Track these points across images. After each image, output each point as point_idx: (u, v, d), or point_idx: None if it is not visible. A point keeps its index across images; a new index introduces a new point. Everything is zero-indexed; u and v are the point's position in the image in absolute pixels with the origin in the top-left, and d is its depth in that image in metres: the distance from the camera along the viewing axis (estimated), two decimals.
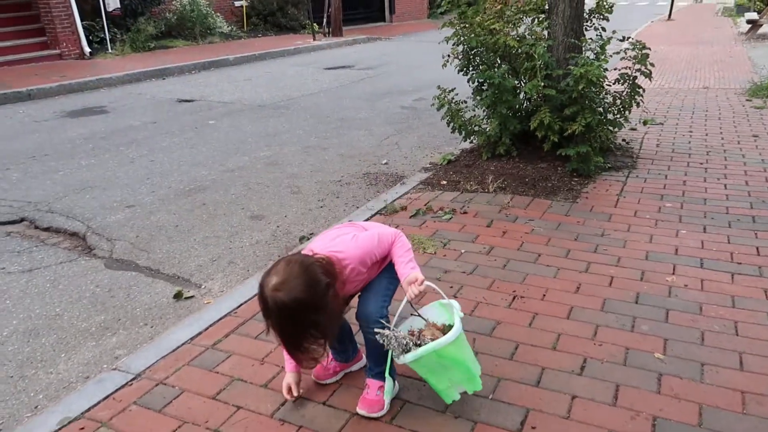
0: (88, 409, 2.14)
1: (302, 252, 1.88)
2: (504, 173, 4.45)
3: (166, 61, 10.90)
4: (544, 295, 2.74)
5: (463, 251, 3.23)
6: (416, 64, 11.20)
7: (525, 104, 4.75)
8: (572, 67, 4.16)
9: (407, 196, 4.12)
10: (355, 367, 2.29)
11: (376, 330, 1.84)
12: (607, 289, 2.80)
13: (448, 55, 4.73)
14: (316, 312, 1.71)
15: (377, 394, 2.02)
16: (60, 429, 2.05)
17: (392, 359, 1.88)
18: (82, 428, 2.04)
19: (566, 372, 2.20)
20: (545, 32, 4.63)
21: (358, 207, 4.18)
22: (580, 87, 4.10)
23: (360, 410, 2.02)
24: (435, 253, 3.23)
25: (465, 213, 3.76)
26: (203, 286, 3.25)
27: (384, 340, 1.82)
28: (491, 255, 3.18)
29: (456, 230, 3.52)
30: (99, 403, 2.17)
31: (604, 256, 3.13)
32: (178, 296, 3.13)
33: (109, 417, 2.09)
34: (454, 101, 4.83)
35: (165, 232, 3.93)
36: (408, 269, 1.89)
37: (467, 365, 1.88)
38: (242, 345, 2.48)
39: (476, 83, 4.73)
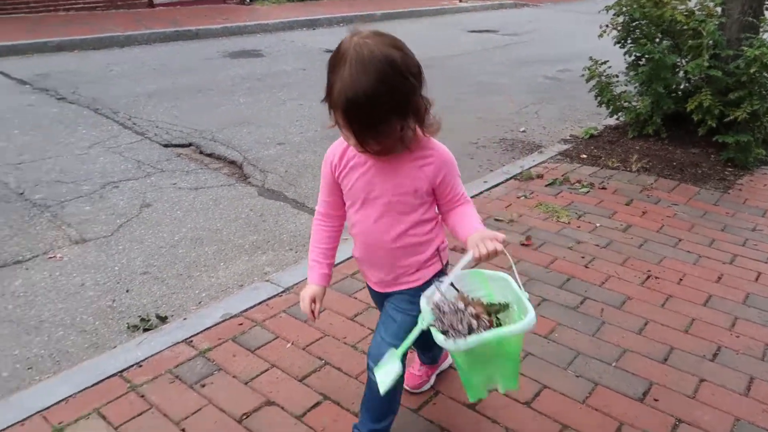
0: (245, 310, 2.46)
1: None
2: (650, 154, 4.27)
3: (317, 12, 11.34)
4: (681, 279, 2.68)
5: (598, 225, 3.21)
6: (563, 34, 10.74)
7: (683, 84, 4.47)
8: (745, 48, 3.85)
9: (544, 165, 4.11)
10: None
11: (427, 294, 1.44)
12: (752, 284, 2.67)
13: (606, 25, 4.54)
14: (409, 74, 1.32)
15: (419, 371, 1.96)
16: (222, 321, 2.38)
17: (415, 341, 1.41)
18: (241, 324, 2.37)
19: (697, 356, 2.17)
20: (718, 8, 4.29)
21: (492, 170, 4.23)
22: (752, 70, 3.79)
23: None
24: (569, 223, 3.24)
25: (603, 189, 3.69)
26: None
27: (436, 315, 1.37)
28: (628, 233, 3.13)
29: (592, 204, 3.48)
30: (254, 306, 2.49)
31: (754, 252, 2.97)
32: None
33: (263, 319, 2.40)
34: (605, 74, 4.66)
35: (310, 171, 4.25)
36: (480, 226, 1.50)
37: (519, 359, 1.55)
38: None
39: (633, 57, 4.51)
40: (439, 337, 1.34)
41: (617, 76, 4.69)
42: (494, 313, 1.44)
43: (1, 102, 5.55)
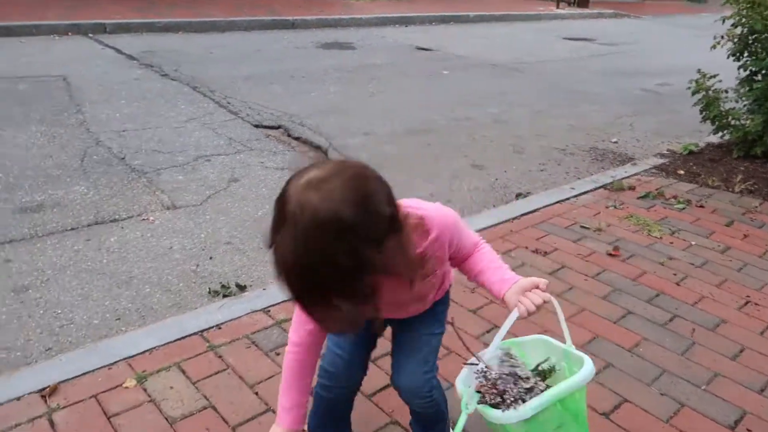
0: None
1: None
2: (755, 176, 3.97)
3: (411, 9, 11.40)
4: None
5: (693, 243, 3.02)
6: (665, 48, 10.25)
7: None
8: None
9: (637, 177, 3.91)
10: None
11: (474, 370, 1.26)
12: None
13: (722, 36, 4.27)
14: (366, 243, 0.99)
15: None
16: None
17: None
18: None
19: None
20: None
21: (579, 178, 4.08)
22: None
23: None
24: (661, 238, 3.06)
25: (701, 207, 3.47)
26: None
27: (482, 388, 1.22)
28: (726, 255, 2.92)
29: (688, 221, 3.28)
30: None
31: None
32: None
33: None
34: (713, 88, 4.39)
35: (393, 162, 4.25)
36: (510, 274, 1.29)
37: (586, 422, 1.29)
38: None
39: (748, 72, 4.23)
40: (493, 414, 1.16)
41: (726, 92, 4.40)
42: (542, 380, 1.26)
43: (111, 75, 5.93)
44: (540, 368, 1.28)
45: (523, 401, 1.16)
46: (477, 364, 1.25)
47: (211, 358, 2.00)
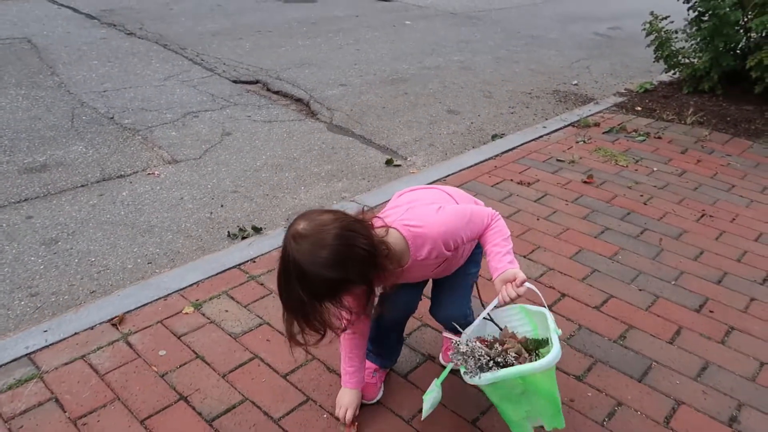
0: None
1: (376, 216, 1.46)
2: (704, 109, 4.40)
3: None
4: (734, 219, 2.89)
5: (655, 169, 3.41)
6: None
7: (743, 41, 4.55)
8: None
9: (600, 115, 4.27)
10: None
11: (453, 343, 1.49)
12: None
13: None
14: (343, 285, 1.32)
15: None
16: None
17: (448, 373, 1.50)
18: None
19: (748, 280, 2.41)
20: None
21: (547, 118, 4.41)
22: None
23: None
24: (627, 166, 3.44)
25: (659, 138, 3.86)
26: (408, 159, 3.75)
27: (458, 359, 1.45)
28: (683, 177, 3.33)
29: (649, 151, 3.67)
30: None
31: None
32: (389, 163, 3.66)
33: None
34: (665, 30, 4.75)
35: (374, 111, 4.47)
36: (505, 263, 1.44)
37: (556, 397, 1.43)
38: None
39: (696, 13, 4.59)
40: (462, 371, 1.45)
41: (676, 32, 4.77)
42: (534, 350, 1.47)
43: (75, 35, 5.83)
44: (541, 338, 1.49)
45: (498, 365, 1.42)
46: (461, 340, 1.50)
47: (254, 286, 2.25)
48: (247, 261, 2.40)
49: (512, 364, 1.39)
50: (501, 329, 1.54)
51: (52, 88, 4.46)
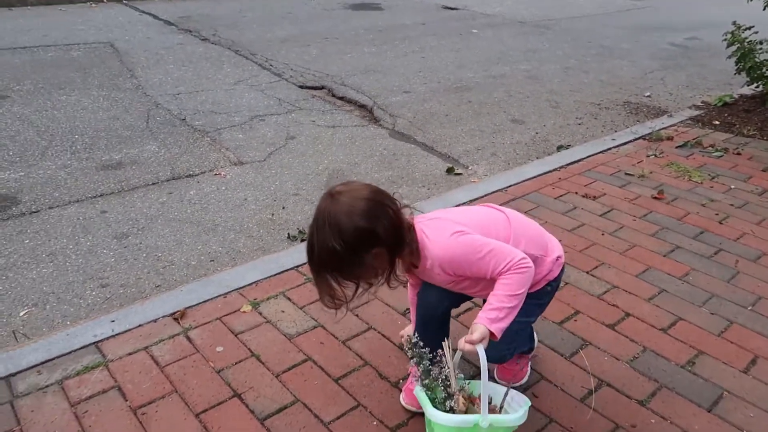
0: None
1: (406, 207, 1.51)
2: None
3: None
4: None
5: (732, 186, 3.22)
6: (691, 3, 10.17)
7: None
8: None
9: (674, 128, 4.09)
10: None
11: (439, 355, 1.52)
12: None
13: None
14: (372, 239, 1.39)
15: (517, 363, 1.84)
16: None
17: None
18: None
19: None
20: None
21: (616, 130, 4.26)
22: None
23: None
24: (701, 182, 3.26)
25: (738, 154, 3.65)
26: (470, 168, 3.71)
27: (416, 358, 1.52)
28: (764, 197, 3.13)
29: (726, 167, 3.47)
30: None
31: None
32: (450, 171, 3.63)
33: None
34: (748, 40, 4.50)
35: (437, 119, 4.45)
36: (484, 318, 1.41)
37: None
38: None
39: None
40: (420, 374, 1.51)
41: (761, 43, 4.51)
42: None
43: (154, 40, 6.13)
44: (477, 398, 1.49)
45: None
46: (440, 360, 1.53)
47: (311, 288, 2.27)
48: (305, 263, 2.42)
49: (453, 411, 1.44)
50: (457, 375, 1.51)
51: (131, 90, 4.69)
